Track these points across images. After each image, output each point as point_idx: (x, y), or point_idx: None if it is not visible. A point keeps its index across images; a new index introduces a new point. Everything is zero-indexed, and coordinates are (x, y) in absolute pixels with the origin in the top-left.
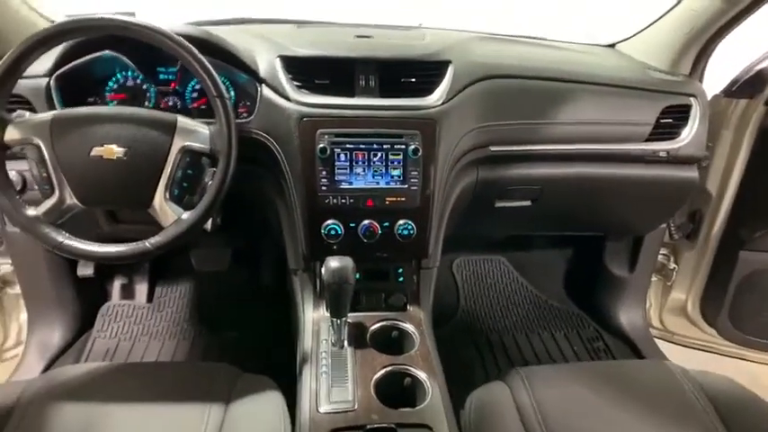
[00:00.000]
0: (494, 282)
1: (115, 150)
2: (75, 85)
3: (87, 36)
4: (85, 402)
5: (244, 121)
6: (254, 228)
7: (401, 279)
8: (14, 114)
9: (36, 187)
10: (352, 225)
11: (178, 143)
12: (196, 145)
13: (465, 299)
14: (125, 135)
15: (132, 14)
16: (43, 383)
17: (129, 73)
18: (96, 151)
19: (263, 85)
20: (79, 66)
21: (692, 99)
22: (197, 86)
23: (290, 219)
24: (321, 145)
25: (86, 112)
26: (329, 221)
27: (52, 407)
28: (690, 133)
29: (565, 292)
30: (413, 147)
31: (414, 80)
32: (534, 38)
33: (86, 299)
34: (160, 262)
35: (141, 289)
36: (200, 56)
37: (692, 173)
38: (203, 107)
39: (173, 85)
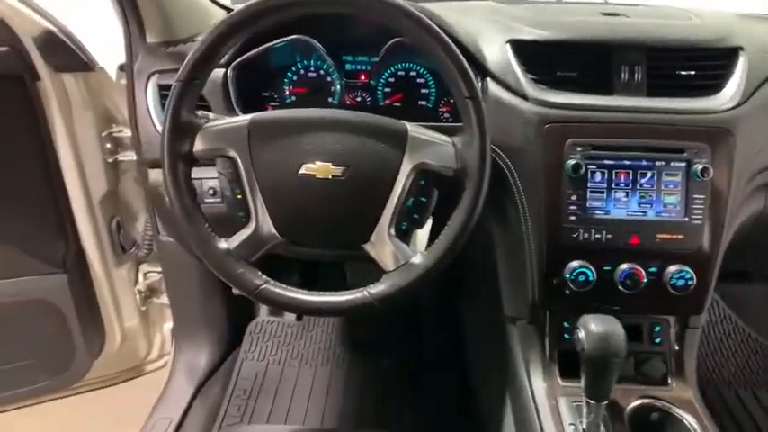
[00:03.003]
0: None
1: (331, 169)
2: (249, 78)
3: (310, 11)
4: None
5: (452, 124)
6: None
7: (658, 340)
8: (202, 118)
9: (206, 200)
10: (606, 269)
11: (411, 161)
12: (435, 163)
13: None
14: (344, 149)
15: None
16: None
17: (312, 62)
18: (307, 169)
19: (489, 79)
20: (258, 54)
21: None
22: (390, 80)
23: (513, 254)
24: (572, 161)
25: (295, 116)
26: (575, 263)
27: None
28: None
29: None
30: (700, 166)
31: (693, 73)
32: None
33: (235, 316)
34: (310, 274)
35: None
36: (453, 46)
37: None
38: (396, 105)
39: (362, 77)
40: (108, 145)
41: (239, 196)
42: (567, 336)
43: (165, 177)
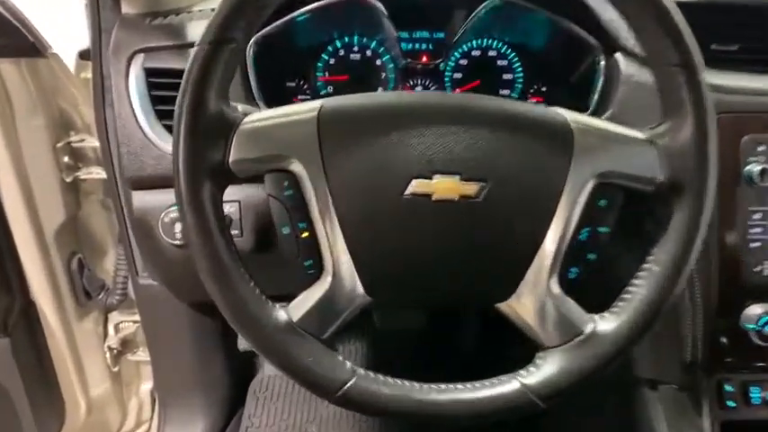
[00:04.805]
0: None
1: (458, 186)
2: (268, 63)
3: None
4: None
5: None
6: None
7: None
8: (239, 108)
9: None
10: None
11: (584, 171)
12: (625, 173)
13: None
14: (478, 154)
15: None
16: None
17: (356, 39)
18: (419, 187)
19: (620, 55)
20: (283, 28)
21: None
22: (462, 62)
23: None
24: (757, 165)
25: (393, 102)
26: (759, 308)
27: None
28: None
29: None
30: None
31: None
32: None
33: (235, 373)
34: None
35: None
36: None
37: None
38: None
39: (424, 58)
40: (65, 158)
41: (305, 234)
42: (731, 403)
43: (181, 207)
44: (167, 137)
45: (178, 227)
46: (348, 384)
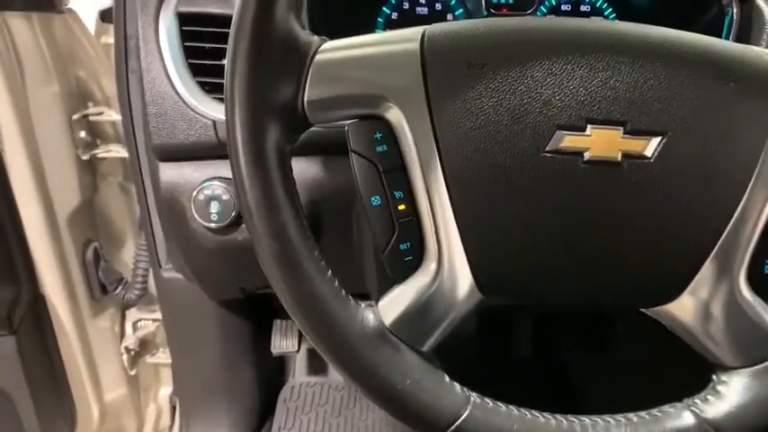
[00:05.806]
0: None
1: (622, 140)
2: (321, 16)
3: None
4: None
5: None
6: None
7: None
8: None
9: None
10: None
11: None
12: None
13: None
14: (650, 97)
15: None
16: None
17: None
18: (565, 141)
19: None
20: None
21: None
22: (545, 7)
23: None
24: None
25: (525, 26)
26: None
27: None
28: None
29: None
30: None
31: None
32: None
33: (265, 380)
34: None
35: None
36: None
37: None
38: None
39: (504, 12)
40: (81, 133)
41: (403, 206)
42: None
43: (236, 163)
44: (203, 97)
45: (214, 206)
46: (462, 417)
